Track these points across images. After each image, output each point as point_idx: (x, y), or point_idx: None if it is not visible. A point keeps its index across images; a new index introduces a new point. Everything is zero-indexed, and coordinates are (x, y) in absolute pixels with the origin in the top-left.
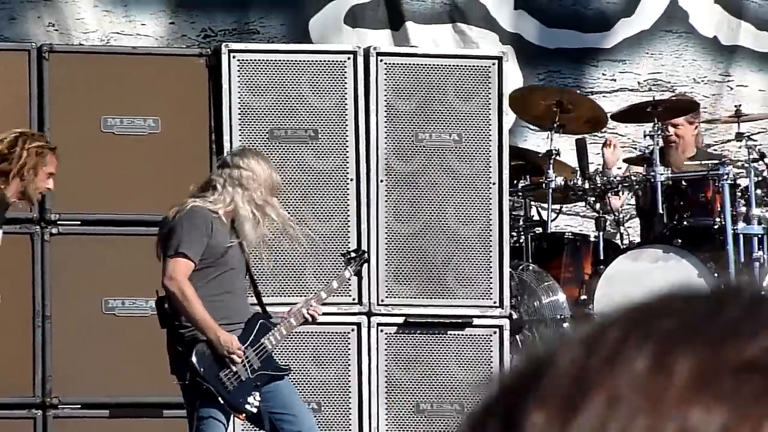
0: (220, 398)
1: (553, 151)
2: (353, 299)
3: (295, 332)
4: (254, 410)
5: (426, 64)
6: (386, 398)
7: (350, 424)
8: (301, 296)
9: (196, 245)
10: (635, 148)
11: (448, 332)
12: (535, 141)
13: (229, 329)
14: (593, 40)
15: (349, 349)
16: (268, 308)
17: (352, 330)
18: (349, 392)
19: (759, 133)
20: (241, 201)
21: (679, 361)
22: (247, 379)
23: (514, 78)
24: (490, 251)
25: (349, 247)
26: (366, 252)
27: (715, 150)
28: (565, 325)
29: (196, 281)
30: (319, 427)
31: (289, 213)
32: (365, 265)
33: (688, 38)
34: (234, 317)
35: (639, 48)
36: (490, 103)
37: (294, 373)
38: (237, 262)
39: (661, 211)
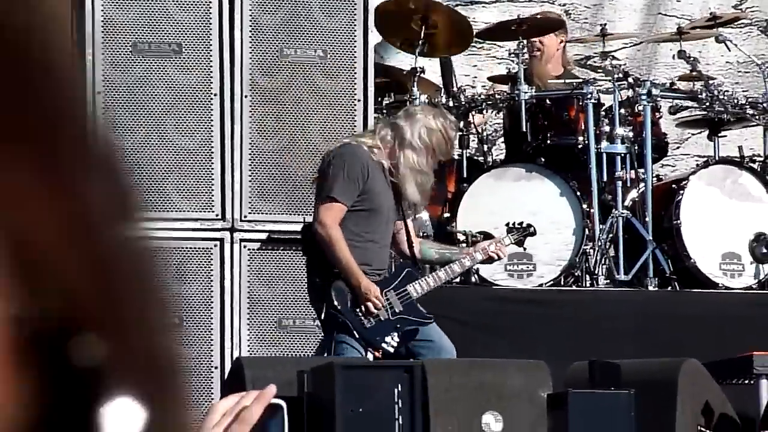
0: (355, 332)
1: (418, 69)
2: (216, 215)
3: (160, 245)
4: (391, 350)
5: None
6: (248, 311)
7: (212, 334)
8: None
9: (351, 189)
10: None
11: None
12: (401, 57)
13: (368, 276)
14: None
15: (212, 263)
16: None
17: (215, 245)
18: (212, 303)
19: (632, 45)
20: (406, 161)
21: None
22: (387, 319)
23: None
24: None
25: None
26: (532, 227)
27: (584, 63)
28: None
29: (344, 223)
30: (181, 337)
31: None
32: (528, 237)
33: None
34: (374, 264)
35: None
36: (355, 20)
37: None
38: (387, 210)
39: (525, 130)
